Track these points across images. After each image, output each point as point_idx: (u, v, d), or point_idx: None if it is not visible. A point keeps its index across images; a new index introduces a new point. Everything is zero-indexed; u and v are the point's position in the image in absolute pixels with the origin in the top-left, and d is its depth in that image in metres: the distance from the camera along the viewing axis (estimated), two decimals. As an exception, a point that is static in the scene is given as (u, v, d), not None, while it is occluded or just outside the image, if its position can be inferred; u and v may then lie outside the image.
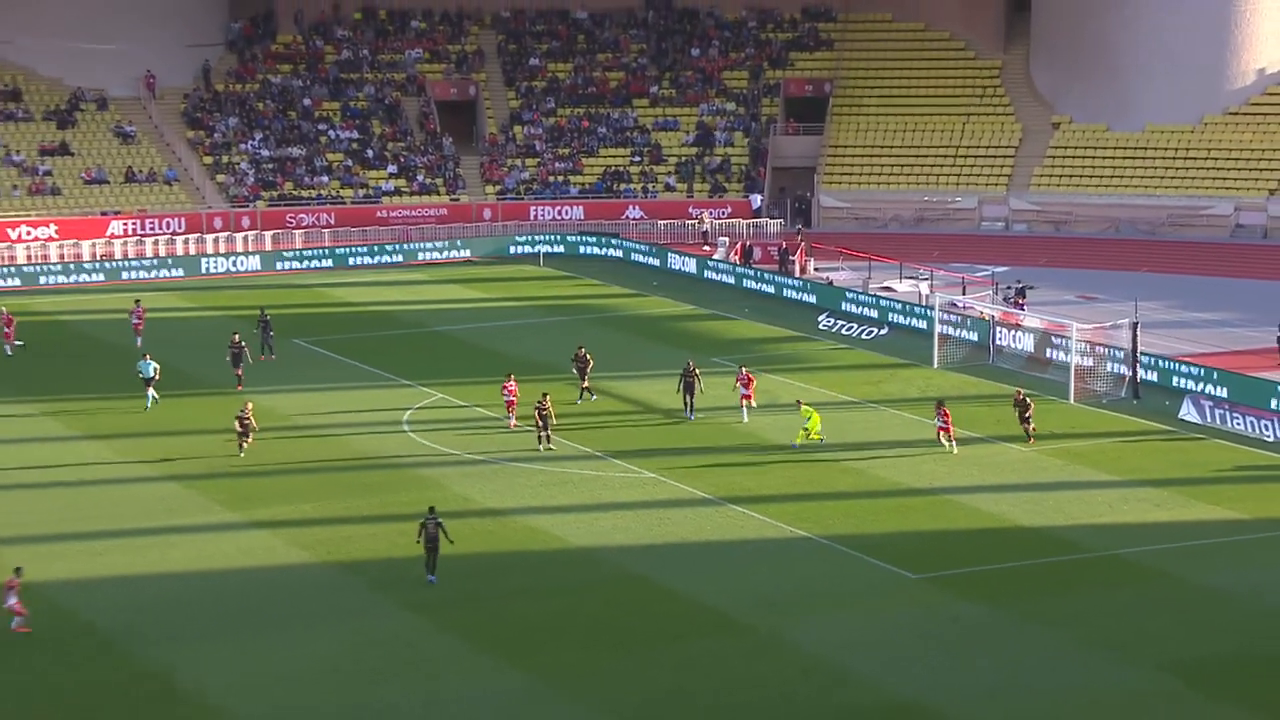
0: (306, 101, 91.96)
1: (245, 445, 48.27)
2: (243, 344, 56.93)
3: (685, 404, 52.84)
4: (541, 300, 73.51)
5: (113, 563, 40.13)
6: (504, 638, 36.22)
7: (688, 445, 50.42)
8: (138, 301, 63.78)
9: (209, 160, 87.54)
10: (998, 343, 61.67)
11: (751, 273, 75.70)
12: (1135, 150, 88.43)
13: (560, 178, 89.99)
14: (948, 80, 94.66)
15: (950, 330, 62.42)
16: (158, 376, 53.85)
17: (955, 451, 48.89)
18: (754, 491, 46.08)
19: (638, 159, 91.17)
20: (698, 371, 53.21)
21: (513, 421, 51.40)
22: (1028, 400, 50.42)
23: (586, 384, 55.07)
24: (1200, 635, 36.64)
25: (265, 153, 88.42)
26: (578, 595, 38.99)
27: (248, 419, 48.36)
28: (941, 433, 49.25)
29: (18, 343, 61.70)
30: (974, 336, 62.54)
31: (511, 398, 51.44)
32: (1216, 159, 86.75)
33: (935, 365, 60.39)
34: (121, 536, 42.38)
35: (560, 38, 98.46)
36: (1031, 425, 50.12)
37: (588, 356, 55.36)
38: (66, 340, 64.90)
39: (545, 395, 50.13)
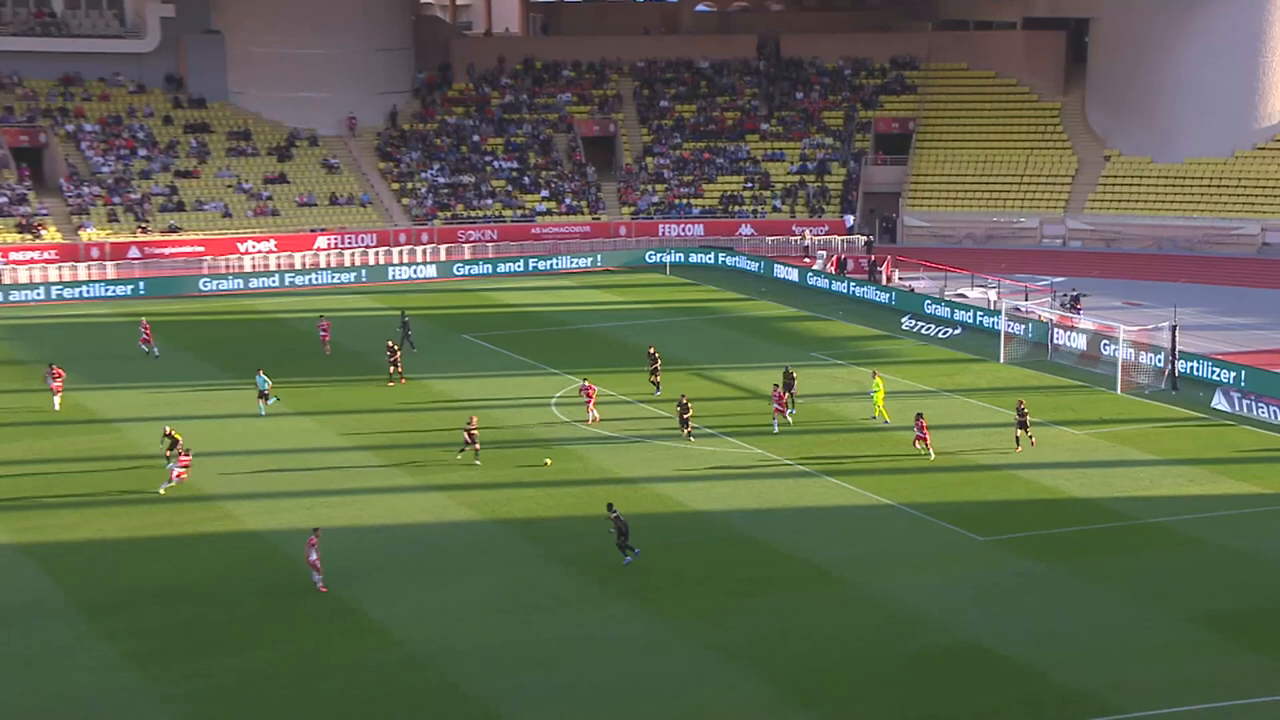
0: (475, 138, 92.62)
1: (477, 450, 45.14)
2: (396, 348, 56.15)
3: (789, 403, 51.18)
4: (667, 303, 73.41)
5: (320, 516, 40.67)
6: (633, 584, 36.33)
7: (790, 426, 50.08)
8: (322, 316, 63.03)
9: (396, 186, 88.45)
10: (1055, 341, 60.73)
11: (845, 281, 75.16)
12: (1175, 179, 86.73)
13: (684, 200, 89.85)
14: (1014, 119, 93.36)
15: (1015, 330, 61.56)
16: (270, 389, 51.21)
17: (933, 457, 45.87)
18: (845, 466, 45.78)
19: (750, 185, 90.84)
20: (794, 374, 52.29)
21: (594, 417, 49.71)
22: (1026, 411, 47.31)
23: (658, 378, 53.87)
24: (1229, 591, 36.10)
25: (441, 180, 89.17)
26: (695, 550, 39.00)
27: (474, 430, 45.46)
28: (918, 440, 46.11)
29: (148, 348, 59.68)
30: (1035, 336, 61.62)
31: (590, 397, 50.04)
32: (1246, 187, 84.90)
33: (1001, 360, 59.59)
34: (325, 495, 42.94)
35: (686, 84, 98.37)
36: (1029, 431, 47.01)
37: (656, 355, 54.63)
38: (282, 334, 65.47)
39: (684, 395, 49.71)
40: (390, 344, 56.53)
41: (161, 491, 42.88)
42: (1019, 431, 47.17)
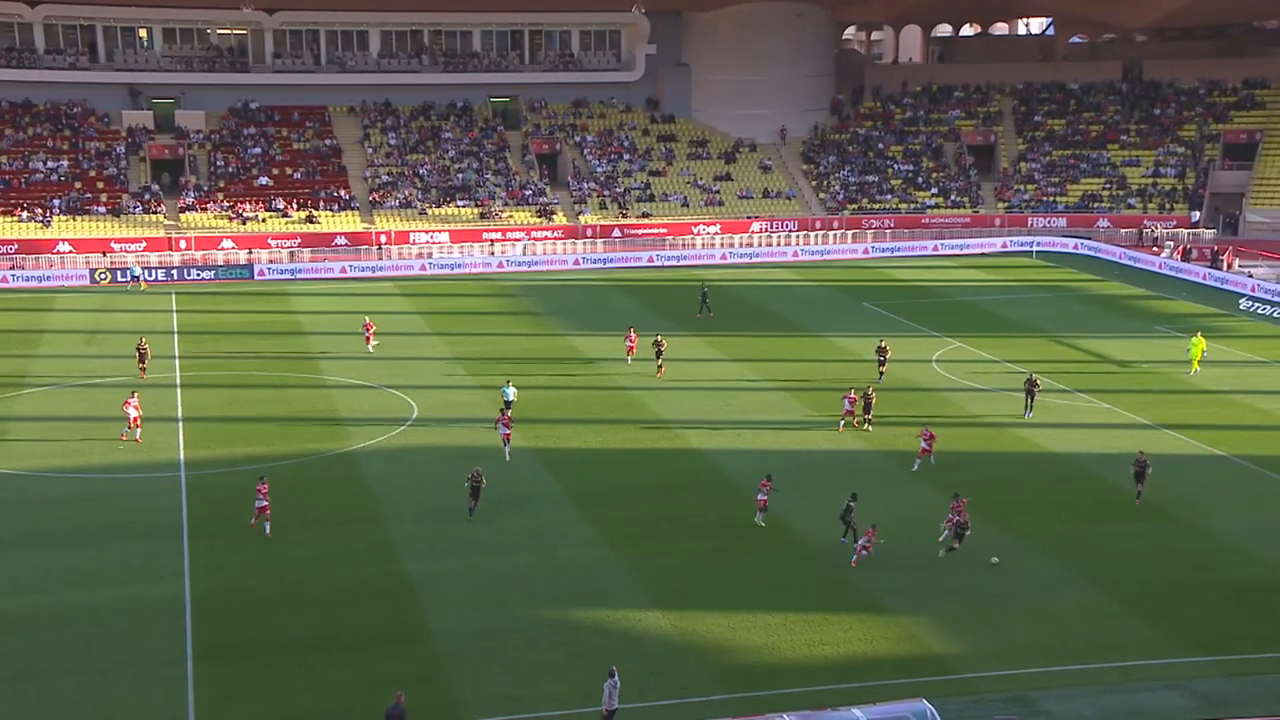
0: (880, 145, 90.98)
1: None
2: (663, 341, 49.94)
3: (1026, 405, 43.68)
4: (1032, 282, 70.13)
5: (745, 439, 41.20)
6: (996, 506, 35.09)
7: (1134, 386, 47.04)
8: (630, 328, 53.07)
9: (814, 184, 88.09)
10: (1383, 324, 54.38)
11: (1190, 267, 69.62)
12: None
13: (1050, 198, 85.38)
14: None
15: (1345, 313, 55.50)
16: (515, 400, 43.19)
17: (915, 469, 38.07)
18: (1182, 420, 42.61)
19: (1108, 185, 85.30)
20: (1038, 380, 44.74)
21: (847, 422, 42.58)
22: (1147, 463, 35.71)
23: (884, 368, 48.21)
24: None
25: (851, 179, 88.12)
26: (1049, 484, 37.29)
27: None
28: (923, 454, 38.45)
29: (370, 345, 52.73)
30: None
31: (851, 406, 42.21)
32: None
33: (1331, 338, 53.93)
34: (750, 425, 43.15)
35: (1057, 102, 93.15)
36: (1141, 486, 35.56)
37: (886, 348, 48.92)
38: (720, 298, 64.49)
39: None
40: (658, 337, 50.09)
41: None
42: (1139, 486, 35.79)
